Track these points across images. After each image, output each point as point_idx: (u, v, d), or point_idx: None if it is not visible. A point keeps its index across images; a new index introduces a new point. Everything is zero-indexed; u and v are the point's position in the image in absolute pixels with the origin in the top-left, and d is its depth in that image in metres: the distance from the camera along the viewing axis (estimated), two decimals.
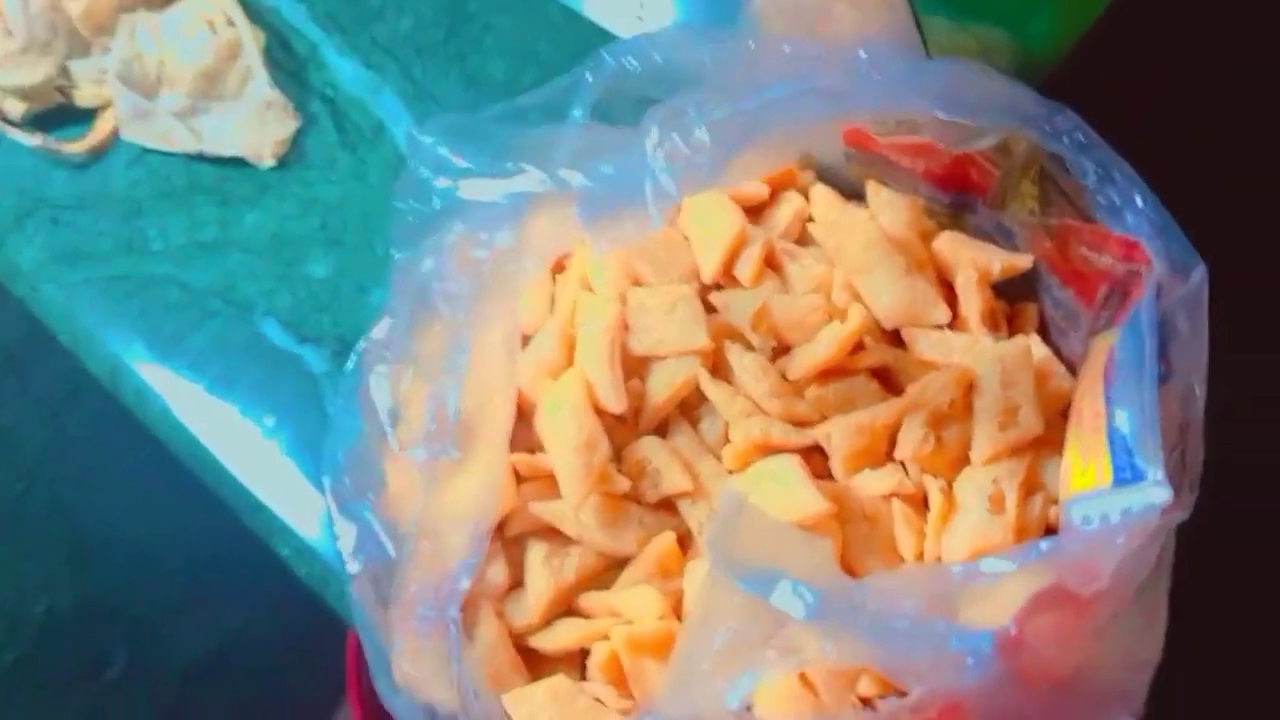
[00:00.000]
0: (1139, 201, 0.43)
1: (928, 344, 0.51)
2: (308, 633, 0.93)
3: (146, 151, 0.79)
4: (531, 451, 0.53)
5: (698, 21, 0.68)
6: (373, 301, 0.72)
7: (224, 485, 0.70)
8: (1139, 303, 0.41)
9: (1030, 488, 0.48)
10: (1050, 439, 0.48)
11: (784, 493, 0.47)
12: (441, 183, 0.47)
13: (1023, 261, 0.52)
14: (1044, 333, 0.53)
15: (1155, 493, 0.37)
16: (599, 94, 0.50)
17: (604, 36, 0.76)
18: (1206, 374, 0.40)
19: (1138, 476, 0.38)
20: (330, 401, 0.68)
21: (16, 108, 0.81)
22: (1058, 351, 0.52)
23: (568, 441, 0.50)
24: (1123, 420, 0.39)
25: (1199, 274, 0.41)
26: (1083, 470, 0.42)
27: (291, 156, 0.78)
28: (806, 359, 0.50)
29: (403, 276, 0.50)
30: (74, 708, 1.12)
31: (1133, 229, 0.43)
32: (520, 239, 0.47)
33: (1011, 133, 0.46)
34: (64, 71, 0.82)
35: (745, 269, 0.54)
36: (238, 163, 0.78)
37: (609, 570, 0.52)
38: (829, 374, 0.51)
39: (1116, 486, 0.39)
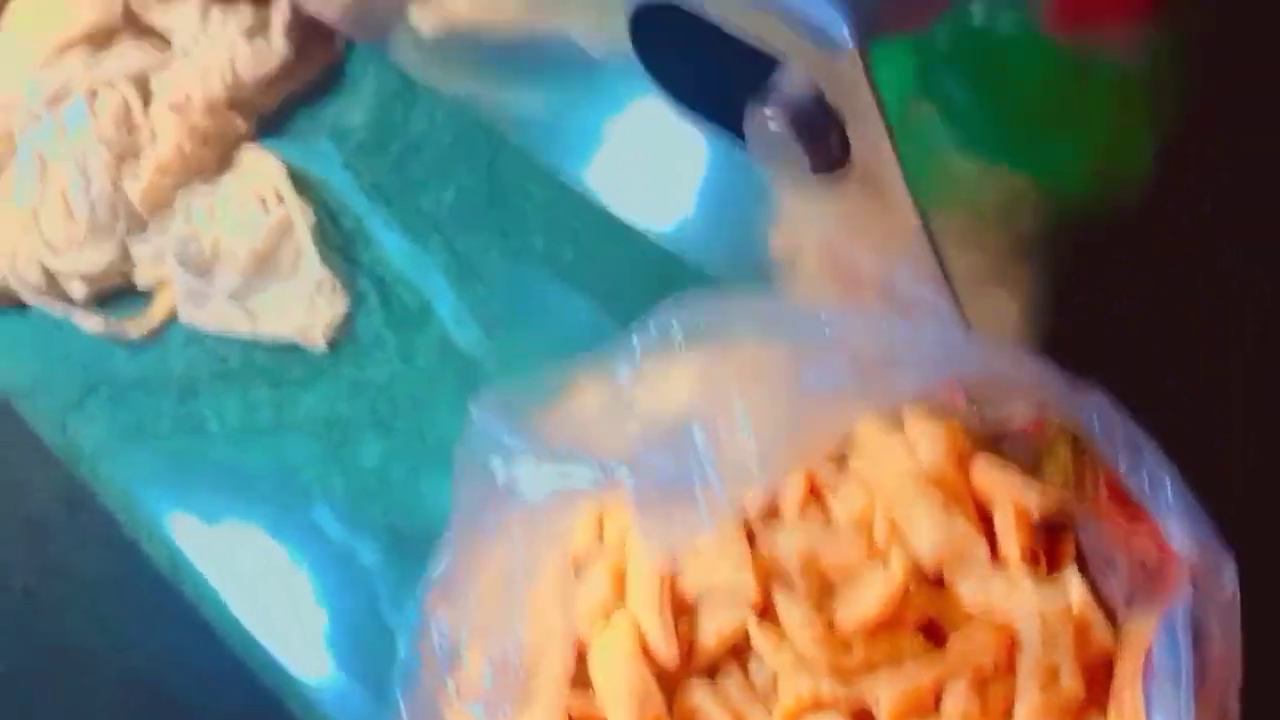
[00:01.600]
0: (1169, 493, 0.44)
1: (968, 589, 0.52)
2: None
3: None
4: (586, 688, 0.55)
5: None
6: (423, 490, 0.74)
7: (273, 677, 0.72)
8: (1173, 608, 0.42)
9: None
10: (1093, 699, 0.49)
11: None
12: (496, 464, 0.49)
13: (1059, 505, 0.53)
14: (1082, 564, 0.54)
15: None
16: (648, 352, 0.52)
17: None
18: (1240, 689, 0.41)
19: None
20: (382, 600, 0.70)
21: (79, 289, 0.84)
22: (1096, 590, 0.53)
23: (620, 695, 0.52)
24: None
25: (1229, 578, 0.42)
26: None
27: (341, 335, 0.80)
28: (854, 614, 0.52)
29: (463, 541, 0.52)
30: None
31: (1162, 520, 0.44)
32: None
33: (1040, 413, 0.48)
34: (123, 252, 0.84)
35: (790, 505, 0.55)
36: (292, 343, 0.80)
37: None
38: (877, 629, 0.52)
39: None
